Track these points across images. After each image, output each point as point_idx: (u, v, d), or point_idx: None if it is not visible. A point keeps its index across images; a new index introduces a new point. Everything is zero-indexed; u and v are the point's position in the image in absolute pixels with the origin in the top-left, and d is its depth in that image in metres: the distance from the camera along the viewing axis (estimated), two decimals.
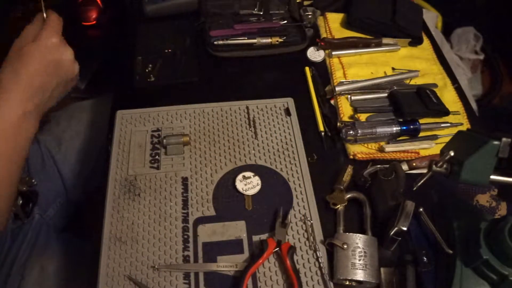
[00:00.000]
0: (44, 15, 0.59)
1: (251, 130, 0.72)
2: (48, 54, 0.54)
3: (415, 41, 0.88)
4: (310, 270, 0.57)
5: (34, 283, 0.69)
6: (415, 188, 0.52)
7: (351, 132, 0.69)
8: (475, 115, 0.79)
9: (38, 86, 0.53)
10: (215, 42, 0.84)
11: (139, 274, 0.56)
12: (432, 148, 0.70)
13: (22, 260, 0.70)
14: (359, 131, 0.69)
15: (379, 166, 0.66)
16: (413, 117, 0.72)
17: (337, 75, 0.82)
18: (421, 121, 0.72)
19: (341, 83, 0.79)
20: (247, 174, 0.65)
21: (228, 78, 0.83)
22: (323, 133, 0.73)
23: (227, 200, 0.63)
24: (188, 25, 0.91)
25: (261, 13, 0.92)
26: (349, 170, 0.66)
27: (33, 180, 0.73)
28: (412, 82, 0.81)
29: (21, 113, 0.51)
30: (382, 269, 0.56)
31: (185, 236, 0.59)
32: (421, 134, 0.72)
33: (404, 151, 0.70)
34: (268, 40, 0.85)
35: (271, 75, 0.85)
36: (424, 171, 0.51)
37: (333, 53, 0.85)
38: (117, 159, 0.67)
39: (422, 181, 0.51)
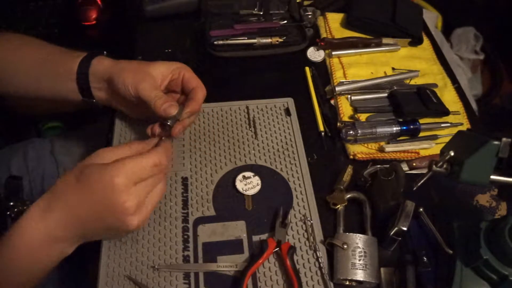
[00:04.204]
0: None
1: (251, 130, 0.72)
2: (104, 194, 0.46)
3: (415, 41, 0.88)
4: (310, 270, 0.57)
5: None
6: (415, 188, 0.52)
7: (351, 132, 0.69)
8: (475, 115, 0.79)
9: (78, 220, 0.47)
10: (215, 42, 0.84)
11: (139, 274, 0.56)
12: (432, 148, 0.70)
13: None
14: (359, 131, 0.69)
15: (379, 166, 0.66)
16: (413, 117, 0.72)
17: (337, 75, 0.82)
18: (421, 121, 0.72)
19: (341, 83, 0.79)
20: (247, 174, 0.65)
21: (228, 78, 0.83)
22: (323, 133, 0.73)
23: (227, 200, 0.63)
24: (188, 25, 0.91)
25: (261, 13, 0.91)
26: (349, 170, 0.66)
27: None
28: (412, 82, 0.81)
29: (44, 237, 0.46)
30: (382, 269, 0.56)
31: (185, 236, 0.59)
32: (421, 134, 0.72)
33: (404, 151, 0.70)
34: (268, 40, 0.85)
35: (271, 75, 0.85)
36: (424, 171, 0.51)
37: (333, 53, 0.85)
38: None
39: (422, 181, 0.51)
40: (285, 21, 0.90)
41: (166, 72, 0.63)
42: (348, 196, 0.63)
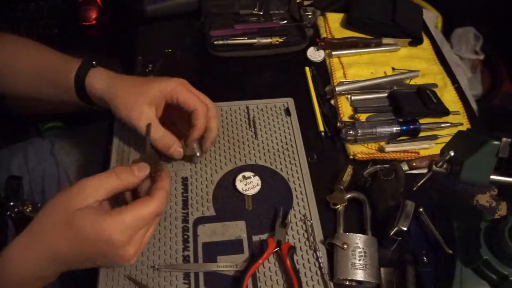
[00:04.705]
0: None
1: (251, 130, 0.72)
2: (99, 246, 0.43)
3: (415, 41, 0.88)
4: (310, 270, 0.57)
5: None
6: (415, 188, 0.52)
7: (351, 132, 0.69)
8: (475, 115, 0.79)
9: (65, 261, 0.45)
10: (215, 42, 0.84)
11: (139, 274, 0.56)
12: (432, 148, 0.71)
13: None
14: (359, 131, 0.69)
15: (379, 166, 0.66)
16: (413, 117, 0.72)
17: (337, 75, 0.82)
18: (421, 121, 0.72)
19: (341, 83, 0.79)
20: (247, 174, 0.65)
21: (228, 78, 0.83)
22: (323, 133, 0.73)
23: (227, 200, 0.63)
24: (188, 25, 0.91)
25: (261, 13, 0.91)
26: (349, 170, 0.66)
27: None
28: (412, 82, 0.81)
29: (27, 275, 0.44)
30: (382, 269, 0.56)
31: (185, 236, 0.59)
32: (421, 134, 0.72)
33: (404, 151, 0.70)
34: (268, 40, 0.85)
35: (271, 75, 0.85)
36: (424, 171, 0.51)
37: (333, 53, 0.85)
38: (117, 159, 0.67)
39: (422, 181, 0.51)
40: (285, 21, 0.90)
41: (160, 97, 0.59)
42: (348, 196, 0.63)
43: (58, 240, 0.43)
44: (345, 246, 0.56)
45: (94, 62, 0.61)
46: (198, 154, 0.64)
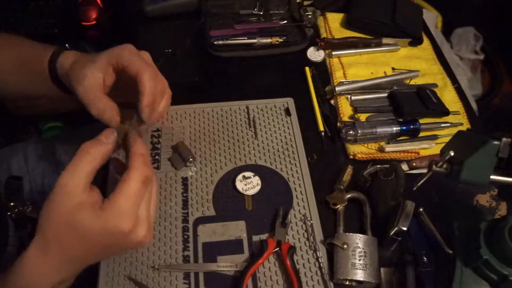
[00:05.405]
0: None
1: (251, 130, 0.72)
2: (112, 238, 0.43)
3: (415, 41, 0.88)
4: (310, 270, 0.57)
5: None
6: (415, 188, 0.52)
7: (351, 132, 0.69)
8: (475, 115, 0.79)
9: (78, 260, 0.45)
10: (215, 42, 0.84)
11: (139, 274, 0.56)
12: (432, 148, 0.70)
13: None
14: (359, 131, 0.69)
15: (379, 166, 0.66)
16: (413, 117, 0.72)
17: (337, 75, 0.82)
18: (421, 121, 0.72)
19: (341, 83, 0.79)
20: (247, 174, 0.65)
21: (228, 78, 0.83)
22: (323, 133, 0.73)
23: (227, 200, 0.63)
24: (188, 25, 0.91)
25: (261, 13, 0.91)
26: (349, 170, 0.66)
27: None
28: (412, 82, 0.81)
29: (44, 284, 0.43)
30: (382, 269, 0.56)
31: (185, 236, 0.59)
32: (421, 134, 0.72)
33: (404, 151, 0.70)
34: (268, 40, 0.85)
35: (271, 75, 0.85)
36: (424, 171, 0.51)
37: (333, 53, 0.85)
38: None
39: (422, 181, 0.51)
40: (285, 21, 0.90)
41: (107, 64, 0.53)
42: (348, 196, 0.63)
43: (70, 245, 0.42)
44: (345, 246, 0.56)
45: (67, 45, 0.58)
46: (144, 126, 0.55)
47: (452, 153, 0.48)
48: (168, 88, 0.59)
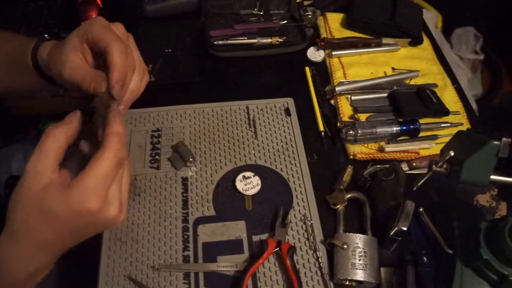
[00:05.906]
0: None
1: (251, 130, 0.72)
2: (81, 219, 0.41)
3: (415, 41, 0.88)
4: (310, 270, 0.57)
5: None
6: (415, 188, 0.52)
7: (351, 132, 0.69)
8: (475, 115, 0.79)
9: (58, 246, 0.44)
10: (215, 42, 0.84)
11: (139, 274, 0.56)
12: (432, 148, 0.70)
13: None
14: (359, 131, 0.69)
15: (379, 166, 0.66)
16: (413, 117, 0.72)
17: (337, 75, 0.82)
18: (421, 121, 0.72)
19: (341, 83, 0.79)
20: (247, 174, 0.65)
21: (228, 78, 0.83)
22: (323, 133, 0.73)
23: (227, 200, 0.63)
24: (188, 25, 0.91)
25: (261, 13, 0.91)
26: (349, 170, 0.66)
27: None
28: (412, 82, 0.81)
29: (22, 275, 0.42)
30: (382, 269, 0.56)
31: (185, 236, 0.59)
32: (421, 134, 0.72)
33: (404, 151, 0.70)
34: (268, 40, 0.85)
35: (271, 75, 0.85)
36: (424, 171, 0.51)
37: (333, 53, 0.85)
38: None
39: (422, 181, 0.51)
40: (285, 21, 0.90)
41: (80, 42, 0.50)
42: (348, 196, 0.63)
43: (38, 230, 0.41)
44: (345, 246, 0.56)
45: (46, 36, 0.57)
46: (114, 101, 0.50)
47: (452, 153, 0.48)
48: (143, 63, 0.56)
